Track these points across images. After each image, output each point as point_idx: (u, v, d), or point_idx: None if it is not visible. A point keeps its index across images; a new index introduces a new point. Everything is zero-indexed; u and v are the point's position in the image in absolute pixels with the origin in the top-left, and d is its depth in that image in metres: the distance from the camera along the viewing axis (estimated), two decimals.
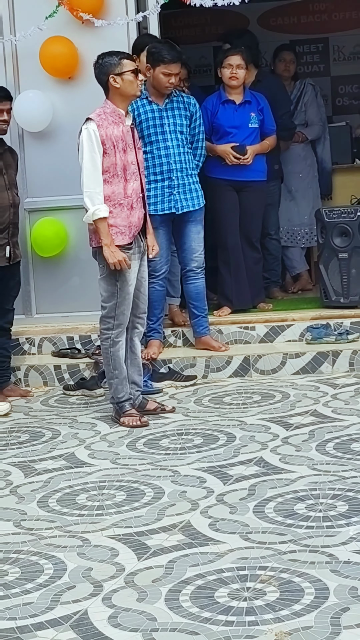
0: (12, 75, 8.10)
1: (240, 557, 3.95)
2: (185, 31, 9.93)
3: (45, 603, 3.66)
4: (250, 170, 7.92)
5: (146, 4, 7.94)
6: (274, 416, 6.07)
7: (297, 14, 11.37)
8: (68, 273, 8.13)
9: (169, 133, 7.16)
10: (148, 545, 4.16)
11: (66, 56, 7.89)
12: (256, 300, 8.16)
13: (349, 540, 4.03)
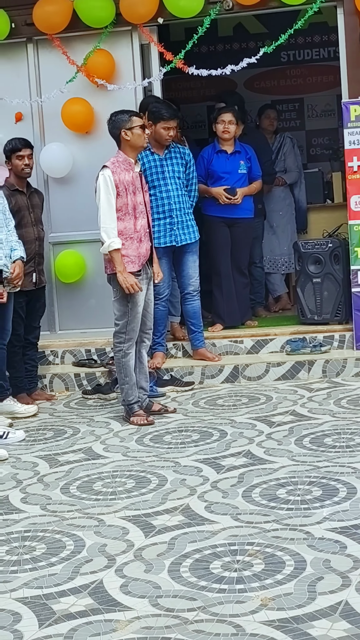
0: (38, 130, 8.13)
1: (231, 534, 3.96)
2: (183, 93, 9.96)
3: (67, 574, 3.67)
4: (240, 209, 7.93)
5: (151, 71, 7.98)
6: (259, 415, 6.08)
7: (277, 79, 11.42)
8: (86, 296, 8.14)
9: (169, 179, 7.17)
10: (154, 524, 4.17)
11: (84, 114, 7.91)
12: (244, 318, 8.16)
13: (323, 520, 4.04)
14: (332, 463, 4.88)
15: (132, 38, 7.98)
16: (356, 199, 7.38)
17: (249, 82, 11.08)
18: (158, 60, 7.98)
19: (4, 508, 4.59)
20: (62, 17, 7.85)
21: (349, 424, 5.67)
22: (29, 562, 3.83)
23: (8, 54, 8.19)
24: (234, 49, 10.68)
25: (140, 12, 7.75)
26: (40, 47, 8.15)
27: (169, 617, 3.20)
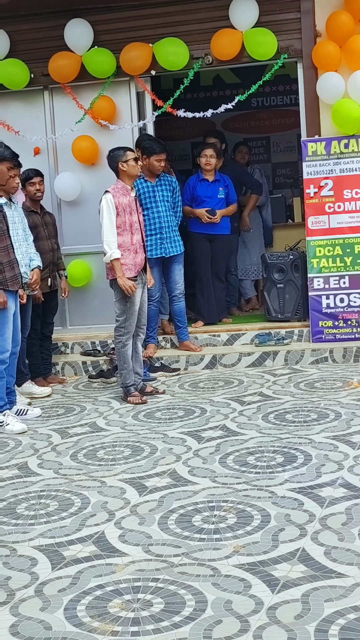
0: (52, 162, 8.11)
1: (209, 493, 3.98)
2: (171, 132, 9.95)
3: (75, 526, 3.68)
4: (219, 227, 7.93)
5: (145, 114, 7.98)
6: (233, 396, 6.08)
7: (249, 120, 11.45)
8: (91, 297, 8.13)
9: (159, 202, 7.17)
10: (146, 485, 4.18)
11: (90, 149, 7.90)
12: (221, 316, 8.16)
13: (284, 481, 4.06)
14: (292, 435, 4.89)
15: (130, 87, 7.97)
16: (312, 219, 7.39)
17: (226, 123, 11.10)
18: (151, 105, 7.98)
19: (24, 472, 4.59)
20: (72, 69, 7.84)
21: (305, 403, 5.68)
22: (44, 516, 3.84)
23: (28, 99, 8.17)
24: (213, 96, 10.69)
25: (137, 66, 7.74)
26: (54, 93, 8.13)
27: (158, 562, 3.22)
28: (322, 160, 7.38)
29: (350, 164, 7.32)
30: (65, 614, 2.83)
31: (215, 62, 7.78)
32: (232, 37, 7.56)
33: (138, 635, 2.64)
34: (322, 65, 7.43)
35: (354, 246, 7.32)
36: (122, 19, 7.80)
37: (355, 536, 3.30)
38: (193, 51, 7.72)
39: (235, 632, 2.62)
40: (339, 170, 7.34)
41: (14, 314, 5.75)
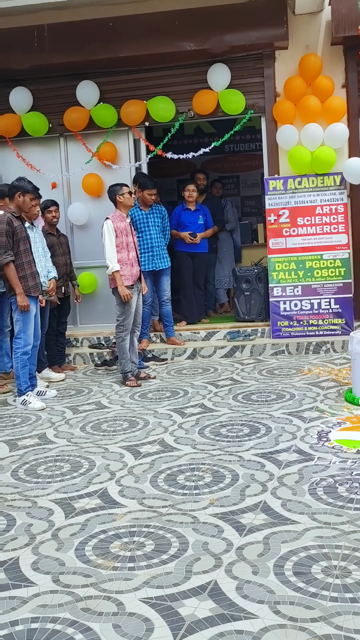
0: (66, 194, 8.10)
1: (191, 457, 3.98)
2: (161, 171, 9.94)
3: (84, 483, 3.68)
4: (199, 247, 7.96)
5: (140, 157, 7.98)
6: (209, 380, 6.09)
7: (223, 162, 11.51)
8: (97, 302, 8.11)
9: (151, 227, 7.17)
10: (140, 451, 4.17)
11: (96, 184, 7.90)
12: (200, 317, 8.17)
13: (250, 448, 4.07)
14: (256, 411, 4.90)
15: (128, 135, 7.97)
16: (273, 241, 7.42)
17: (204, 164, 11.12)
18: (145, 149, 7.98)
19: (43, 440, 4.58)
20: (82, 121, 7.83)
21: (267, 386, 5.70)
22: (58, 476, 3.83)
23: (47, 144, 8.16)
24: (194, 143, 10.69)
25: (134, 118, 7.74)
26: (68, 140, 8.11)
27: (150, 512, 3.23)
28: (281, 194, 7.41)
29: (302, 197, 7.36)
30: (75, 553, 2.84)
31: (196, 116, 7.80)
32: (210, 96, 7.58)
33: (134, 570, 2.66)
34: (281, 119, 7.46)
35: (305, 262, 7.36)
36: (122, 80, 7.81)
37: (306, 491, 3.33)
38: (178, 107, 7.74)
39: (210, 567, 2.64)
40: (294, 202, 7.38)
41: (35, 315, 5.74)
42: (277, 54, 7.52)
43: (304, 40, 7.45)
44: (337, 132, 7.19)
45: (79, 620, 2.33)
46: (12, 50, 7.50)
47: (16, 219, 5.64)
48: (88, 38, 7.37)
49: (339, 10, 6.95)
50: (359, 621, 2.22)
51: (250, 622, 2.25)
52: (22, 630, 2.29)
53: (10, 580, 2.64)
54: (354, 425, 4.41)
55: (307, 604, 2.34)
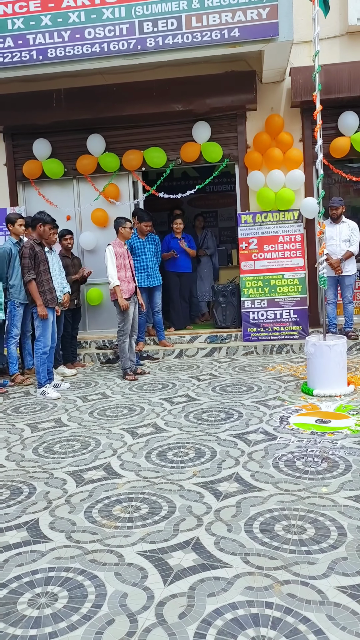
0: (78, 225, 8.07)
1: (178, 438, 3.96)
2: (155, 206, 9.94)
3: (91, 459, 3.65)
4: (184, 267, 7.95)
5: (138, 195, 7.99)
6: (193, 376, 6.08)
7: (204, 200, 11.52)
8: (102, 312, 8.09)
9: (147, 252, 7.15)
10: (137, 432, 4.15)
11: (102, 217, 7.88)
12: (185, 325, 8.14)
13: (225, 430, 4.06)
14: (230, 400, 4.90)
15: (129, 178, 7.97)
16: (244, 263, 7.44)
17: (189, 202, 11.16)
18: (142, 189, 7.99)
19: (58, 424, 4.55)
20: (91, 166, 7.82)
21: (239, 380, 5.70)
22: (71, 452, 3.80)
23: (63, 184, 8.14)
24: (182, 184, 10.71)
25: (133, 164, 7.75)
26: (80, 181, 8.10)
27: (145, 481, 3.21)
28: (250, 226, 7.44)
29: (268, 228, 7.39)
30: (84, 515, 2.83)
31: (183, 162, 7.82)
32: (194, 147, 7.60)
33: (131, 529, 2.65)
34: (251, 166, 7.50)
35: (270, 280, 7.38)
36: (123, 134, 7.82)
37: (270, 465, 3.33)
38: (169, 155, 7.76)
39: (193, 526, 2.63)
40: (261, 233, 7.41)
41: (52, 322, 5.71)
42: (248, 114, 7.58)
43: (269, 103, 7.51)
44: (295, 177, 7.25)
45: (87, 569, 2.32)
46: (35, 109, 7.50)
47: (37, 245, 5.63)
48: (96, 100, 7.38)
49: (297, 79, 7.04)
50: (312, 569, 2.23)
51: (225, 570, 2.25)
52: (41, 578, 2.28)
53: (31, 537, 2.62)
54: (308, 411, 4.43)
55: (271, 555, 2.34)
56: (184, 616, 1.99)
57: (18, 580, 2.27)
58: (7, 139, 8.08)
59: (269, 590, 2.11)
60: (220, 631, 1.90)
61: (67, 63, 6.50)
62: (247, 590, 2.11)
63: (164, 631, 1.92)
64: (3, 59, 6.51)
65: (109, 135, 7.79)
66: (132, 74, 7.28)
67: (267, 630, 1.89)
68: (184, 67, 7.19)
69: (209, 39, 6.19)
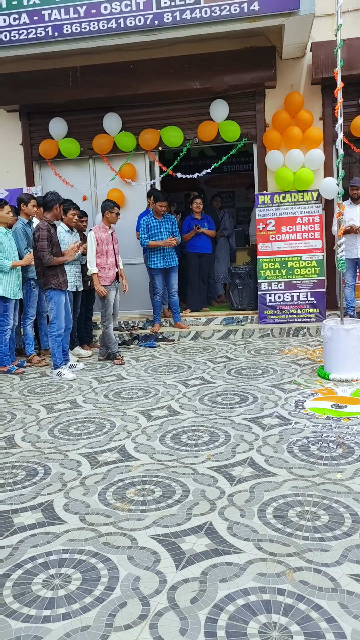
0: (94, 205, 8.04)
1: (192, 421, 3.96)
2: (172, 186, 9.84)
3: (106, 441, 3.67)
4: (205, 248, 7.89)
5: (154, 175, 7.91)
6: (208, 358, 6.07)
7: (221, 180, 11.38)
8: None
9: (163, 232, 7.09)
10: (152, 415, 4.16)
11: (118, 198, 7.81)
12: (202, 306, 8.11)
13: (240, 414, 4.05)
14: (245, 384, 4.89)
15: (145, 158, 7.89)
16: (261, 245, 7.36)
17: (206, 182, 11.04)
18: (158, 169, 7.91)
19: (74, 405, 4.58)
20: (107, 146, 7.75)
21: (254, 363, 5.68)
22: (86, 434, 3.83)
23: (79, 164, 8.09)
24: (198, 164, 10.57)
25: (149, 144, 7.66)
26: (96, 161, 8.04)
27: (159, 464, 3.22)
28: (268, 207, 7.33)
29: (286, 209, 7.28)
30: (98, 497, 2.85)
31: (200, 142, 7.71)
32: (211, 126, 7.49)
33: (145, 512, 2.66)
34: (269, 146, 7.37)
35: (287, 262, 7.30)
36: (140, 113, 7.72)
37: (285, 450, 3.31)
38: (186, 135, 7.64)
39: (207, 511, 2.64)
40: (279, 214, 7.30)
41: (65, 304, 5.71)
42: (267, 91, 7.42)
43: (289, 81, 7.34)
44: (315, 157, 7.10)
45: (101, 552, 2.34)
46: (51, 87, 7.43)
47: (52, 227, 5.61)
48: (113, 78, 7.28)
49: (319, 55, 6.85)
50: (325, 556, 2.22)
51: (238, 556, 2.25)
52: (55, 560, 2.30)
53: (45, 519, 2.65)
54: (324, 396, 4.39)
55: (284, 541, 2.34)
56: (196, 601, 2.00)
57: (32, 561, 2.30)
58: (23, 118, 8.03)
59: (281, 576, 2.11)
60: (232, 616, 1.91)
61: (82, 40, 6.40)
62: (259, 577, 2.11)
63: (175, 615, 1.93)
64: (18, 36, 6.43)
65: (125, 114, 7.69)
66: (149, 50, 7.15)
67: (278, 616, 1.89)
68: (201, 43, 7.04)
69: (227, 14, 6.03)
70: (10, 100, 7.70)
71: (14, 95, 7.64)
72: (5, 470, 3.26)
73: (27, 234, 6.22)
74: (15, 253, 5.95)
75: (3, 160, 8.15)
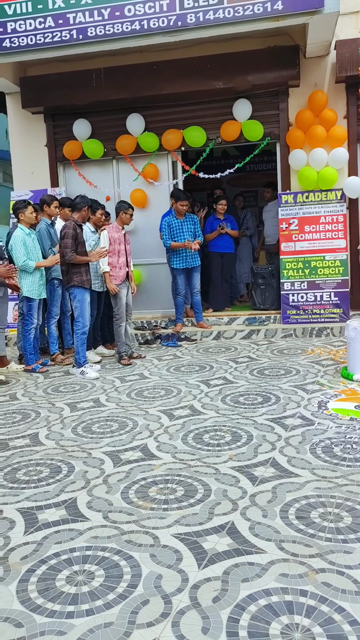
0: None
1: (214, 420, 3.95)
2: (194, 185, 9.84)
3: (128, 439, 3.68)
4: (226, 247, 7.89)
5: (177, 175, 7.93)
6: (231, 358, 6.06)
7: (244, 179, 11.32)
8: (141, 292, 8.10)
9: (185, 232, 7.10)
10: (174, 414, 4.16)
11: (142, 198, 7.87)
12: (224, 306, 8.11)
13: (262, 414, 4.02)
14: (268, 384, 4.87)
15: (168, 158, 7.91)
16: (284, 244, 7.32)
17: (229, 181, 11.01)
18: (181, 169, 7.92)
19: (97, 404, 4.62)
20: (131, 146, 7.79)
21: (277, 363, 5.65)
22: (108, 433, 3.85)
23: (102, 165, 8.15)
24: (221, 164, 10.57)
25: (172, 144, 7.68)
26: (119, 162, 8.10)
27: (181, 464, 3.23)
28: (291, 206, 7.29)
29: (309, 209, 7.23)
30: (121, 495, 2.86)
31: (223, 141, 7.70)
32: (234, 125, 7.47)
33: (167, 511, 2.67)
34: (292, 145, 7.32)
35: (311, 262, 7.24)
36: (163, 113, 7.74)
37: (307, 450, 3.29)
38: (209, 134, 7.65)
39: (229, 510, 2.63)
40: (302, 213, 7.25)
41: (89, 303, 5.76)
42: (290, 90, 7.38)
43: (312, 79, 7.29)
44: (338, 156, 7.04)
45: (123, 549, 2.36)
46: (75, 89, 7.50)
47: (78, 227, 5.67)
48: (136, 78, 7.32)
49: (343, 53, 6.79)
50: (348, 558, 2.20)
51: (260, 556, 2.25)
52: (78, 556, 2.33)
53: (69, 516, 2.68)
54: (348, 396, 4.35)
55: (306, 542, 2.32)
56: (218, 600, 2.00)
57: (57, 557, 2.33)
58: (47, 120, 8.12)
59: (303, 578, 2.10)
60: (254, 617, 1.90)
61: (107, 42, 6.45)
62: (281, 577, 2.11)
63: (197, 614, 1.94)
64: (44, 39, 6.50)
65: (148, 114, 7.72)
66: (172, 51, 7.16)
67: (301, 618, 1.88)
68: (224, 43, 7.03)
69: (251, 13, 6.01)
70: (35, 103, 7.79)
71: (38, 98, 7.73)
72: (29, 468, 3.30)
73: (51, 235, 6.30)
74: (38, 253, 6.02)
75: (28, 162, 8.25)
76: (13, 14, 6.49)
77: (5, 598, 2.08)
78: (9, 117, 8.23)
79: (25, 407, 4.61)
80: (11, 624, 1.95)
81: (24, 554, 2.36)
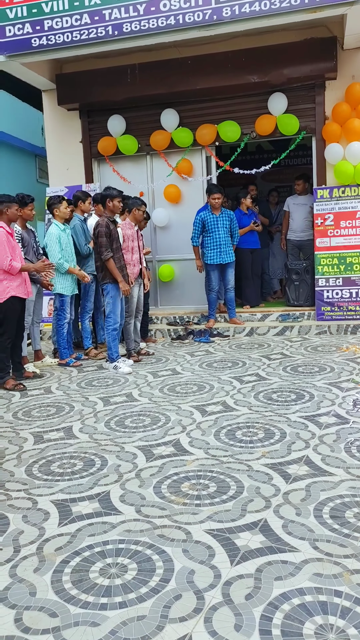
0: (151, 201, 8.10)
1: (247, 417, 3.93)
2: (228, 181, 9.78)
3: (161, 435, 3.69)
4: (254, 243, 7.84)
5: (211, 171, 7.89)
6: (264, 354, 6.02)
7: (279, 174, 11.17)
8: (173, 288, 8.14)
9: (220, 228, 7.09)
10: (206, 410, 4.15)
11: (175, 193, 7.87)
12: (258, 302, 8.05)
13: (296, 411, 3.98)
14: (301, 381, 4.82)
15: (202, 153, 7.88)
16: (319, 240, 7.21)
17: (263, 176, 10.86)
18: (215, 165, 7.88)
19: (129, 399, 4.65)
20: (165, 142, 7.79)
21: (311, 360, 5.58)
22: (141, 427, 3.87)
23: (136, 160, 8.18)
24: (256, 159, 10.46)
25: (206, 139, 7.65)
26: (153, 157, 8.11)
27: (213, 460, 3.22)
28: (327, 201, 7.18)
29: (345, 204, 7.10)
30: (154, 490, 2.87)
31: (258, 136, 7.63)
32: (269, 120, 7.39)
33: (199, 506, 2.66)
34: (329, 139, 7.20)
35: (346, 258, 7.12)
36: (197, 108, 7.72)
37: (342, 449, 3.24)
38: (243, 129, 7.59)
39: (261, 508, 2.61)
40: (338, 208, 7.13)
41: (122, 298, 5.79)
42: (327, 83, 7.25)
43: (350, 71, 7.14)
44: None
45: (156, 544, 2.37)
46: (110, 85, 7.54)
47: (111, 223, 5.70)
48: (170, 74, 7.31)
49: None
50: None
51: (293, 555, 2.22)
52: (111, 549, 2.35)
53: (103, 509, 2.71)
54: None
55: (341, 542, 2.29)
56: (250, 597, 1.99)
57: (90, 549, 2.36)
58: (82, 117, 8.19)
59: (338, 578, 2.07)
60: (287, 616, 1.89)
61: (142, 37, 6.45)
62: (315, 577, 2.08)
63: (230, 611, 1.93)
64: (80, 36, 6.55)
65: (182, 109, 7.71)
66: (207, 45, 7.12)
67: (335, 619, 1.86)
68: (260, 36, 6.95)
69: (287, 5, 5.93)
70: (71, 100, 7.87)
71: (74, 94, 7.80)
72: (63, 460, 3.35)
73: (85, 230, 6.35)
74: (72, 251, 6.09)
75: (63, 158, 8.34)
76: (50, 11, 6.56)
77: (41, 588, 2.12)
78: (44, 114, 8.33)
79: (59, 401, 4.67)
80: (46, 613, 1.98)
81: (58, 545, 2.40)
